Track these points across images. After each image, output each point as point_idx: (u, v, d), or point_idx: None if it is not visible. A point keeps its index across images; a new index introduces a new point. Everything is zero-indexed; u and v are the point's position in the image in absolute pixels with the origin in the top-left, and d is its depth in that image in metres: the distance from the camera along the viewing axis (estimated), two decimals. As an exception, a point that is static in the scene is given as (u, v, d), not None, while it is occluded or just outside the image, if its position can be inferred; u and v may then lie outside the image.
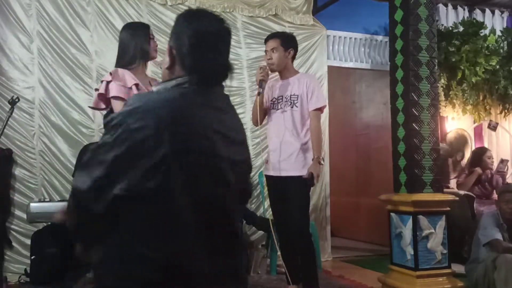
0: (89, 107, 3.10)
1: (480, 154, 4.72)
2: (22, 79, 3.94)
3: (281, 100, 3.11)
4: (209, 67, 1.34)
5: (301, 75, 3.22)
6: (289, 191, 2.99)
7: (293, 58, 3.19)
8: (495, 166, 4.83)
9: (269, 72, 3.11)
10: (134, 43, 2.72)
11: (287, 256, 3.13)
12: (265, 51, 3.17)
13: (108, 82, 2.62)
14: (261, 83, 3.05)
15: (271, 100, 3.17)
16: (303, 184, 2.99)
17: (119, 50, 2.77)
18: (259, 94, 3.07)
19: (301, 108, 3.06)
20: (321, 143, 3.23)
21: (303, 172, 2.96)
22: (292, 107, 3.06)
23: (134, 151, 1.17)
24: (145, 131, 1.17)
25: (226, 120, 1.34)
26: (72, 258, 3.51)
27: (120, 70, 2.66)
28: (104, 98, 2.64)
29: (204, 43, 1.33)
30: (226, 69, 1.39)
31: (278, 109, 3.12)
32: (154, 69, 4.24)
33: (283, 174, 3.01)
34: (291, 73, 3.18)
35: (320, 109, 3.11)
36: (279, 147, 3.05)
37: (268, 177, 3.15)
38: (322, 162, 3.09)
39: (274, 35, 3.20)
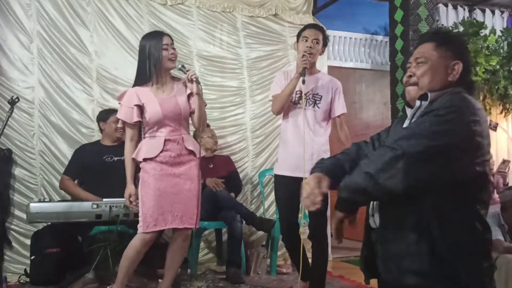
0: (118, 127, 3.07)
1: None
2: (22, 79, 3.94)
3: (302, 96, 2.99)
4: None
5: (324, 75, 3.16)
6: None
7: None
8: (496, 166, 4.83)
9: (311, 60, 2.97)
10: (148, 58, 2.81)
11: (295, 255, 3.09)
12: (305, 38, 2.99)
13: (120, 105, 2.92)
14: (304, 70, 2.93)
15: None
16: None
17: (137, 67, 2.92)
18: (304, 82, 2.91)
19: (322, 109, 3.00)
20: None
21: None
22: (314, 106, 2.99)
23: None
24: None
25: None
26: (72, 258, 3.52)
27: (130, 91, 2.87)
28: None
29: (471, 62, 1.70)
30: None
31: (298, 105, 3.00)
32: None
33: (305, 175, 2.91)
34: (315, 70, 3.11)
35: (342, 115, 3.15)
36: (298, 147, 2.94)
37: (282, 177, 3.03)
38: None
39: (318, 27, 3.10)
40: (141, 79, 2.85)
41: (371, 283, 1.76)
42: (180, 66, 2.89)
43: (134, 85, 2.89)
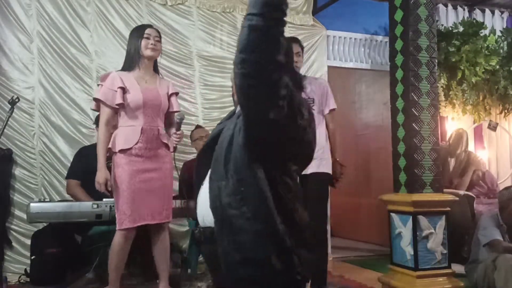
0: (91, 109, 3.22)
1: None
2: (22, 79, 3.94)
3: None
4: None
5: (312, 79, 3.43)
6: (307, 189, 3.01)
7: None
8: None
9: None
10: (131, 47, 2.96)
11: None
12: None
13: (99, 86, 2.92)
14: None
15: None
16: (321, 181, 3.21)
17: (125, 55, 3.04)
18: None
19: (317, 111, 3.22)
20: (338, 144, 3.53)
21: (320, 170, 3.16)
22: None
23: None
24: None
25: None
26: (72, 258, 3.52)
27: (113, 74, 2.92)
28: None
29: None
30: None
31: None
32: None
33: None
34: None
35: (333, 110, 3.41)
36: None
37: None
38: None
39: (296, 40, 3.33)
40: (126, 66, 2.95)
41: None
42: (179, 118, 2.92)
43: (123, 69, 2.96)
